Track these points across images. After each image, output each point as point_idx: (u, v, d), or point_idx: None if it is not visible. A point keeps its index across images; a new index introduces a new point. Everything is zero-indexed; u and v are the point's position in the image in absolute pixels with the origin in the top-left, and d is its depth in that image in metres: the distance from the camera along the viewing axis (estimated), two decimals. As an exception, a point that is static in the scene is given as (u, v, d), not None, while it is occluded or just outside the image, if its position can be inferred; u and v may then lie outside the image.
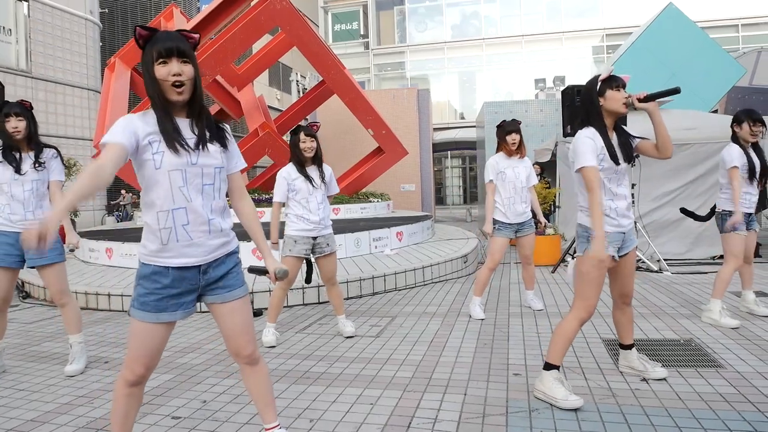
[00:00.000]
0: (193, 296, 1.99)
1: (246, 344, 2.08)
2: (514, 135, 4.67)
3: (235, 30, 9.11)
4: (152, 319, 1.92)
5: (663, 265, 6.81)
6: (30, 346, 4.27)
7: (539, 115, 11.67)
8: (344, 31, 32.79)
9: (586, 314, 2.84)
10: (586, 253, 2.82)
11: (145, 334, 1.93)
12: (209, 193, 1.94)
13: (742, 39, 26.35)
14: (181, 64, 1.84)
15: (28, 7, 17.00)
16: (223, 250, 2.02)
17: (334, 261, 4.17)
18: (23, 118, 3.39)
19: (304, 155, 4.00)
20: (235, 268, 2.06)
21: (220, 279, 2.01)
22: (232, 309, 2.04)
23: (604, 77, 2.85)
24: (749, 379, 3.03)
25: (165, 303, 1.92)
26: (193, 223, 1.91)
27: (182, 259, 1.92)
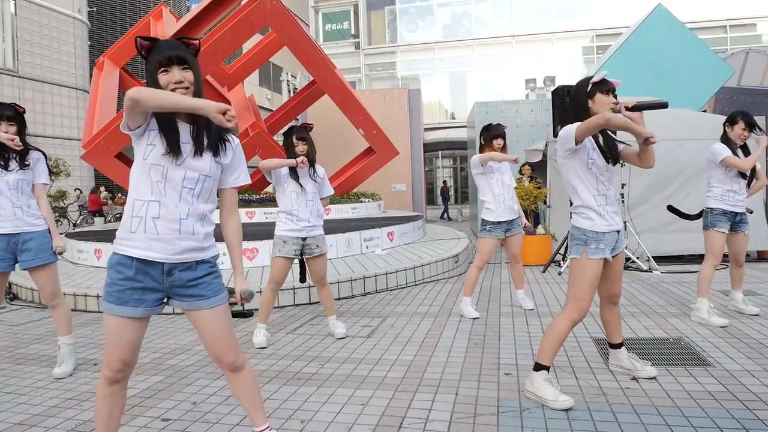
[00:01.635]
0: (157, 295, 1.97)
1: (224, 352, 2.06)
2: (499, 140, 4.73)
3: (225, 29, 9.06)
4: (114, 310, 1.91)
5: (652, 264, 6.86)
6: (17, 348, 4.22)
7: (530, 116, 11.69)
8: (335, 30, 32.73)
9: (578, 315, 2.84)
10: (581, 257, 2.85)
11: (113, 326, 1.92)
12: (186, 197, 1.94)
13: (730, 40, 26.60)
14: (182, 71, 1.92)
15: (15, 5, 16.83)
16: (192, 255, 1.98)
17: (324, 262, 4.15)
18: (14, 123, 3.37)
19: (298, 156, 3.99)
20: (206, 277, 2.02)
21: (188, 286, 1.98)
22: (204, 318, 2.02)
23: (595, 80, 2.85)
24: (738, 377, 3.06)
25: (127, 295, 1.90)
26: (163, 218, 1.91)
27: (146, 251, 1.91)
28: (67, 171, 15.39)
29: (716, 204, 4.31)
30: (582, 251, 2.86)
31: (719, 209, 4.30)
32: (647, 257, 6.96)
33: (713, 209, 4.32)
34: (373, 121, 11.03)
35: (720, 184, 4.31)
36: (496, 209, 4.70)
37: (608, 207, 2.86)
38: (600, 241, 2.83)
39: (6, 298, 6.15)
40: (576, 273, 2.88)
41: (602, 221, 2.83)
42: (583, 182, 2.85)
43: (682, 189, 7.51)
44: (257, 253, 6.41)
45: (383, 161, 11.60)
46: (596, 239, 2.84)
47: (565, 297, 2.95)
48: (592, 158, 2.82)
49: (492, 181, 4.71)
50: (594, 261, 2.83)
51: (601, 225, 2.83)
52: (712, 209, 4.32)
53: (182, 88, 1.92)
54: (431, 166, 30.99)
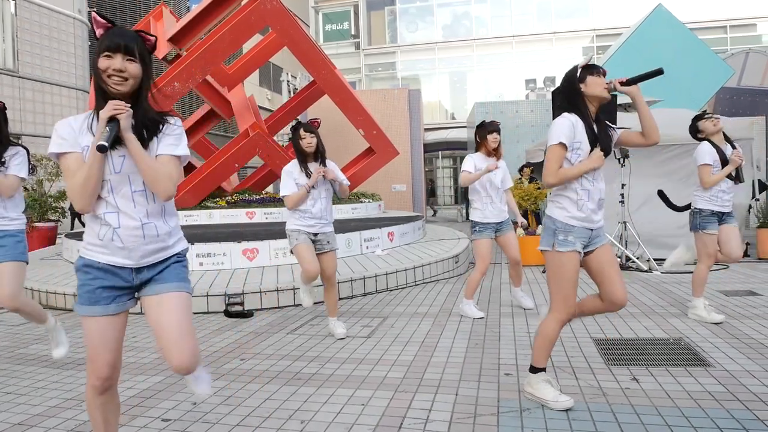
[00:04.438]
0: (126, 292, 1.94)
1: (175, 352, 1.88)
2: (495, 135, 4.68)
3: (225, 30, 9.06)
4: (86, 311, 1.88)
5: (652, 264, 6.85)
6: (17, 349, 4.22)
7: (530, 116, 11.71)
8: (335, 31, 32.72)
9: (565, 315, 2.74)
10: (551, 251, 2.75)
11: (92, 329, 1.89)
12: (141, 201, 1.88)
13: (730, 40, 26.59)
14: (126, 61, 1.80)
15: (15, 5, 16.84)
16: (159, 255, 1.95)
17: (334, 259, 4.15)
18: None
19: (305, 151, 3.99)
20: (174, 264, 1.98)
21: (156, 274, 1.95)
22: (159, 303, 1.92)
23: (583, 64, 2.79)
24: (738, 377, 3.06)
25: (97, 295, 1.87)
26: (124, 227, 1.86)
27: (113, 257, 1.88)
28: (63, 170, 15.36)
29: (704, 205, 4.27)
30: (551, 242, 2.75)
31: (707, 210, 4.26)
32: (647, 258, 6.96)
33: (701, 210, 4.28)
34: (373, 121, 11.03)
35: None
36: (483, 209, 4.67)
37: (589, 203, 2.74)
38: (569, 233, 2.71)
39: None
40: (551, 270, 2.77)
41: (576, 214, 2.72)
42: None
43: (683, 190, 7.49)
44: (257, 254, 6.41)
45: (383, 161, 11.60)
46: (565, 230, 2.72)
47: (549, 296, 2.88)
48: (577, 153, 2.71)
49: (482, 183, 4.64)
50: (565, 254, 2.71)
51: (573, 219, 2.72)
52: (701, 210, 4.28)
53: (120, 77, 1.80)
54: (431, 167, 30.99)
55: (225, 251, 6.37)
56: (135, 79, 1.83)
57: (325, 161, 4.08)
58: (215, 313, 5.12)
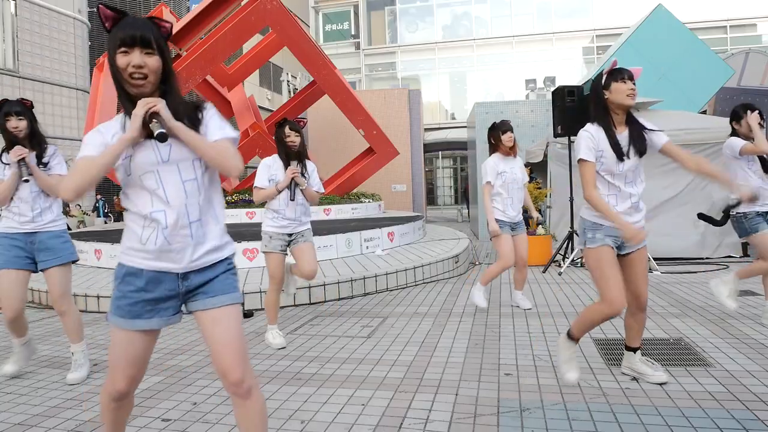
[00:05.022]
0: (172, 303, 1.79)
1: (232, 366, 1.74)
2: (509, 134, 4.69)
3: (225, 30, 9.07)
4: (126, 325, 1.74)
5: (653, 264, 6.85)
6: (17, 349, 4.22)
7: (530, 116, 11.69)
8: (335, 31, 32.72)
9: (608, 309, 2.79)
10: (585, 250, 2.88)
11: (123, 342, 1.76)
12: (192, 191, 1.73)
13: (730, 40, 26.59)
14: (145, 55, 1.64)
15: (15, 6, 16.84)
16: (209, 257, 1.79)
17: (310, 251, 4.03)
18: (23, 117, 3.29)
19: (289, 148, 3.95)
20: (222, 274, 1.82)
21: (203, 284, 1.79)
22: (213, 318, 1.77)
23: (608, 69, 2.82)
24: (738, 377, 3.05)
25: (139, 308, 1.74)
26: (172, 227, 1.70)
27: (159, 263, 1.73)
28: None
29: (746, 208, 3.95)
30: (583, 241, 2.90)
31: (752, 212, 3.97)
32: (648, 258, 6.95)
33: (746, 214, 3.98)
34: (373, 121, 11.03)
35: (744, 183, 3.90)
36: (504, 209, 4.69)
37: (618, 206, 2.80)
38: (596, 231, 2.82)
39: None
40: (591, 268, 2.90)
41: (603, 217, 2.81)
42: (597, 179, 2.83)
43: (684, 192, 7.49)
44: (257, 254, 6.41)
45: (383, 162, 11.61)
46: (593, 228, 2.85)
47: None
48: (601, 162, 2.79)
49: (506, 182, 4.64)
50: (597, 250, 2.82)
51: (601, 218, 2.81)
52: (745, 214, 3.99)
53: (140, 74, 1.64)
54: (431, 167, 31.00)
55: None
56: (156, 75, 1.68)
57: (305, 162, 4.02)
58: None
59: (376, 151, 11.31)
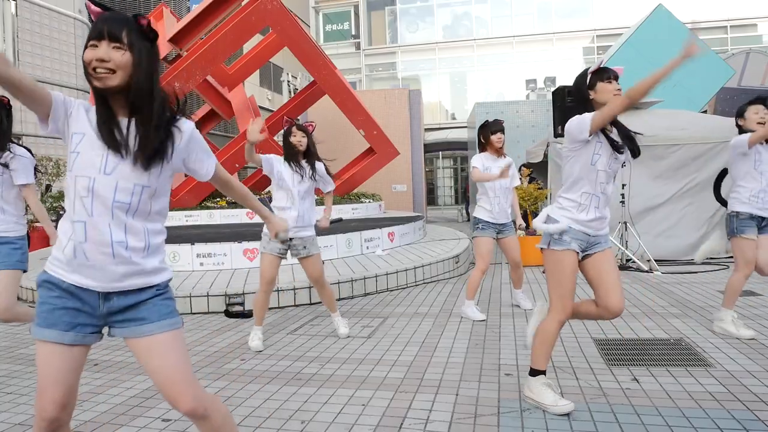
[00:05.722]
0: (92, 321, 1.64)
1: (179, 396, 1.62)
2: (500, 135, 4.69)
3: (225, 30, 9.07)
4: (41, 334, 1.59)
5: (653, 264, 6.85)
6: (18, 349, 4.22)
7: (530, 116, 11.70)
8: (335, 31, 32.71)
9: (563, 314, 2.71)
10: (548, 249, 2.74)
11: (43, 355, 1.60)
12: (119, 214, 1.58)
13: (731, 40, 26.58)
14: (112, 50, 1.55)
15: (15, 6, 16.86)
16: (134, 281, 1.63)
17: (315, 263, 4.00)
18: None
19: (295, 148, 3.95)
20: (152, 299, 1.66)
21: (128, 308, 1.64)
22: (147, 347, 1.64)
23: (593, 69, 2.75)
24: (739, 377, 3.05)
25: (56, 316, 1.59)
26: (90, 241, 1.57)
27: (76, 276, 1.60)
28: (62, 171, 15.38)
29: (742, 207, 3.83)
30: (547, 241, 2.75)
31: (746, 213, 3.82)
32: (648, 258, 6.95)
33: (739, 213, 3.84)
34: (373, 121, 11.03)
35: (748, 184, 3.82)
36: (491, 209, 4.68)
37: (592, 208, 2.71)
38: (564, 233, 2.69)
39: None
40: (549, 268, 2.77)
41: (577, 217, 2.70)
42: (581, 177, 2.72)
43: (684, 192, 7.48)
44: (257, 254, 6.40)
45: (384, 162, 11.61)
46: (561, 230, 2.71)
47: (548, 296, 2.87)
48: (598, 153, 2.68)
49: (492, 183, 4.68)
50: (559, 252, 2.69)
51: (571, 221, 2.70)
52: (738, 213, 3.84)
53: (105, 69, 1.54)
54: (432, 167, 30.98)
55: (225, 251, 6.37)
56: (124, 71, 1.56)
57: (314, 163, 4.02)
58: (216, 313, 5.12)
59: (377, 151, 11.31)
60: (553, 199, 8.14)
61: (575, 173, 2.75)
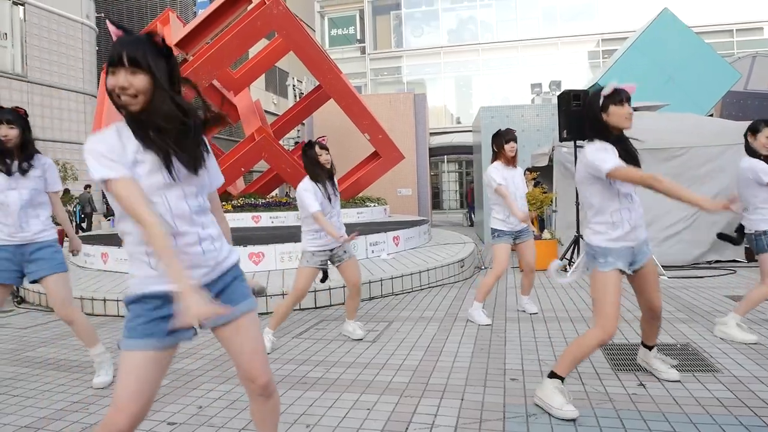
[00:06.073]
0: None
1: (260, 371, 1.80)
2: (513, 143, 4.70)
3: (231, 34, 9.11)
4: (138, 346, 1.65)
5: (659, 269, 6.82)
6: (24, 351, 4.24)
7: (535, 120, 11.67)
8: (341, 35, 32.82)
9: (604, 335, 2.71)
10: (594, 271, 2.82)
11: (136, 366, 1.65)
12: (195, 218, 1.72)
13: (737, 44, 26.49)
14: (130, 75, 1.58)
15: (24, 11, 16.99)
16: (220, 268, 1.77)
17: (355, 265, 4.15)
18: (15, 125, 3.20)
19: (325, 167, 4.01)
20: (233, 282, 1.80)
21: (217, 296, 1.75)
22: (234, 328, 1.78)
23: (605, 93, 2.77)
24: (746, 383, 3.03)
25: (153, 326, 1.67)
26: (182, 247, 1.68)
27: (171, 285, 1.63)
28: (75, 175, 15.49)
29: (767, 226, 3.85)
30: (593, 266, 2.83)
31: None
32: (654, 263, 6.91)
33: (765, 231, 3.84)
34: (378, 125, 11.05)
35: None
36: (506, 219, 4.68)
37: (628, 223, 2.78)
38: (608, 255, 2.77)
39: (13, 302, 6.18)
40: (594, 289, 2.82)
41: (613, 235, 2.77)
42: (603, 200, 2.79)
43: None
44: (263, 258, 6.42)
45: (389, 166, 11.61)
46: (603, 253, 2.78)
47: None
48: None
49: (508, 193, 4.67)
50: (606, 274, 2.76)
51: (610, 241, 2.78)
52: (765, 231, 3.85)
53: (128, 95, 1.59)
54: (437, 171, 30.98)
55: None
56: (145, 94, 1.60)
57: (333, 178, 4.12)
58: (221, 317, 5.12)
59: (382, 155, 11.32)
60: (560, 203, 8.13)
61: (597, 198, 2.81)
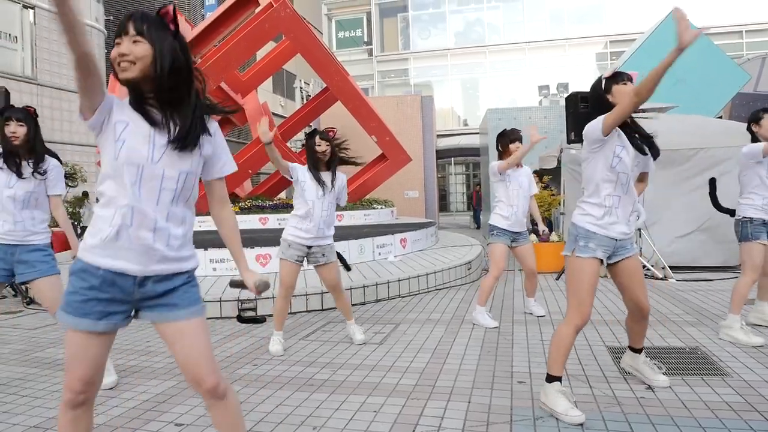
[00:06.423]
0: (124, 307, 1.73)
1: (205, 375, 1.76)
2: (518, 143, 4.69)
3: (239, 37, 9.15)
4: (72, 323, 1.67)
5: (668, 272, 6.78)
6: (33, 352, 4.27)
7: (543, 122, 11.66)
8: (348, 38, 32.90)
9: (580, 320, 2.74)
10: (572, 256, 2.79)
11: (73, 341, 1.69)
12: (165, 200, 1.70)
13: (746, 45, 26.33)
14: (132, 44, 1.61)
15: (34, 14, 17.14)
16: (169, 266, 1.74)
17: (332, 271, 4.05)
18: (24, 123, 3.19)
19: (320, 158, 3.98)
20: (182, 286, 1.77)
21: (161, 295, 1.74)
22: (178, 332, 1.76)
23: (608, 75, 2.81)
24: (756, 387, 3.01)
25: (89, 307, 1.67)
26: (137, 226, 1.66)
27: (117, 262, 1.67)
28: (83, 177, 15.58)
29: (756, 214, 3.91)
30: (572, 248, 2.80)
31: (759, 219, 3.90)
32: (662, 265, 6.88)
33: (752, 219, 3.91)
34: (386, 127, 11.06)
35: (762, 192, 3.90)
36: (509, 217, 4.68)
37: (618, 210, 2.76)
38: (589, 240, 2.75)
39: (23, 302, 6.22)
40: (570, 274, 2.82)
41: (601, 221, 2.76)
42: (603, 180, 2.76)
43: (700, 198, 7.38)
44: (270, 259, 6.43)
45: (396, 168, 11.62)
46: (585, 236, 2.77)
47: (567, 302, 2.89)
48: (619, 156, 2.71)
49: (509, 190, 4.68)
50: (584, 260, 2.74)
51: (595, 226, 2.76)
52: (752, 219, 3.91)
53: (126, 61, 1.60)
54: (444, 173, 30.97)
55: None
56: (143, 62, 1.61)
57: (336, 172, 4.06)
58: (228, 319, 5.14)
59: (389, 157, 11.33)
60: (568, 205, 8.10)
61: (596, 177, 2.79)
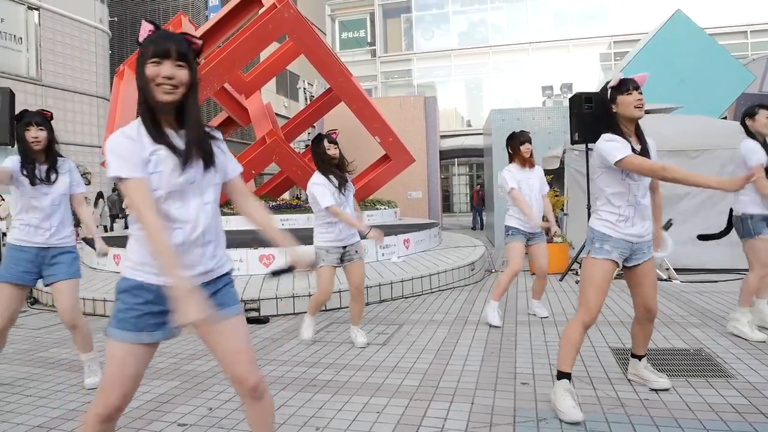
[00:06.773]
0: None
1: (247, 374, 1.83)
2: (527, 145, 4.70)
3: (243, 38, 9.15)
4: (130, 338, 1.72)
5: (672, 273, 6.75)
6: (37, 352, 4.28)
7: (547, 123, 11.61)
8: (351, 38, 32.90)
9: (587, 318, 2.80)
10: (587, 257, 2.84)
11: (121, 356, 1.73)
12: (208, 214, 1.79)
13: (751, 45, 26.21)
14: (176, 68, 1.69)
15: (38, 15, 17.21)
16: (215, 272, 1.85)
17: (361, 267, 4.17)
18: (44, 128, 3.25)
19: (332, 161, 4.04)
20: (224, 288, 1.88)
21: (209, 297, 1.80)
22: (222, 330, 1.83)
23: (613, 84, 2.82)
24: (761, 389, 2.99)
25: (145, 321, 1.74)
26: (188, 244, 1.75)
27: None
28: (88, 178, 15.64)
29: (755, 209, 3.90)
30: (588, 250, 2.86)
31: (759, 215, 3.90)
32: (667, 266, 6.85)
33: (752, 215, 3.91)
34: (389, 128, 11.04)
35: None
36: (521, 217, 4.66)
37: (635, 218, 2.79)
38: (605, 242, 2.80)
39: (27, 302, 6.24)
40: (584, 274, 2.87)
41: (616, 227, 2.80)
42: (615, 193, 2.80)
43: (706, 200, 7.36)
44: (273, 260, 6.44)
45: (399, 168, 11.60)
46: (601, 239, 2.82)
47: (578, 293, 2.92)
48: (626, 172, 2.73)
49: (522, 194, 4.66)
50: (598, 261, 2.80)
51: (613, 230, 2.80)
52: (752, 215, 3.91)
53: (170, 85, 1.68)
54: (447, 174, 30.94)
55: (241, 257, 6.41)
56: (184, 87, 1.72)
57: (345, 172, 4.11)
58: (231, 319, 5.14)
59: (392, 158, 11.32)
60: (571, 206, 8.08)
61: (608, 190, 2.82)
